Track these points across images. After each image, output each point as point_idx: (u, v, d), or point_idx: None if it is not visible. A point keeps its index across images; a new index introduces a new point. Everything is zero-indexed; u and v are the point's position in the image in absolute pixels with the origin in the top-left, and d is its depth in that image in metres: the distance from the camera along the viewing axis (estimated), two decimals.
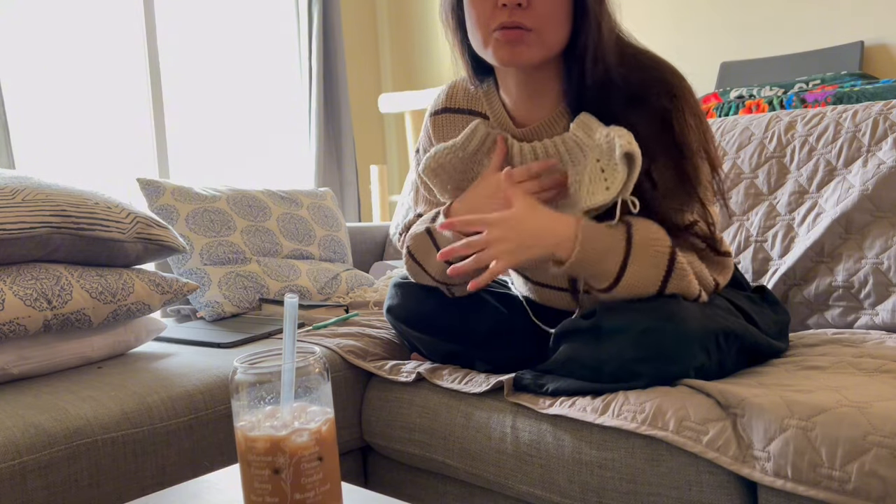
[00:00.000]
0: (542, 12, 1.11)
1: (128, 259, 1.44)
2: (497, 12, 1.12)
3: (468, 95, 1.32)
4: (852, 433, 0.89)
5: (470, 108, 1.31)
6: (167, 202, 1.82)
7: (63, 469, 1.08)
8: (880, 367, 1.11)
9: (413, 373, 1.34)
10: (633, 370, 1.08)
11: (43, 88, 2.81)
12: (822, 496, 0.89)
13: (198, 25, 3.29)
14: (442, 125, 1.35)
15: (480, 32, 1.16)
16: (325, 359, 0.74)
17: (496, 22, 1.13)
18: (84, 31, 2.92)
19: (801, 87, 2.37)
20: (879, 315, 1.38)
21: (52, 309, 1.29)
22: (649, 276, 1.11)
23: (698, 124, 1.15)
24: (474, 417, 1.22)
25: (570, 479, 1.10)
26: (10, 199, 1.31)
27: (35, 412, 1.12)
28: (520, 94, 1.23)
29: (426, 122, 1.38)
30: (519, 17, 1.11)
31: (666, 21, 3.14)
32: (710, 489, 0.98)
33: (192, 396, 1.24)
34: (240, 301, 1.76)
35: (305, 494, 0.70)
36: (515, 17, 1.11)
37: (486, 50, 1.17)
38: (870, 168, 1.46)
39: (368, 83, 3.91)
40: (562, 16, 1.13)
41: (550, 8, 1.12)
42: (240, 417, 0.72)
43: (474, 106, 1.31)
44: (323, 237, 2.04)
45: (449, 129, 1.34)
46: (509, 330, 1.33)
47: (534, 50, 1.14)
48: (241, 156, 3.42)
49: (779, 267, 1.51)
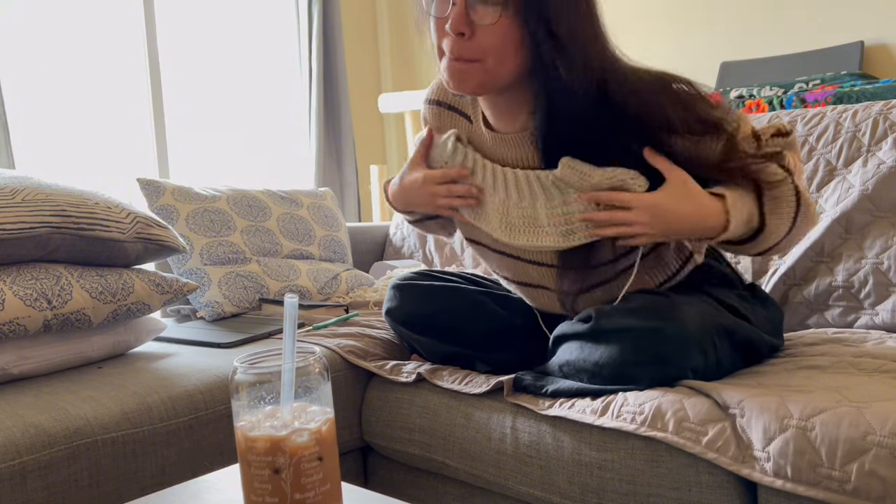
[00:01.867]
0: (485, 44, 1.08)
1: (128, 259, 1.44)
2: (447, 39, 1.11)
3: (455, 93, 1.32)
4: (852, 433, 0.89)
5: (455, 106, 1.31)
6: (167, 202, 1.82)
7: (63, 469, 1.08)
8: (880, 367, 1.11)
9: (413, 373, 1.34)
10: (632, 373, 1.08)
11: (43, 88, 2.81)
12: (822, 496, 0.89)
13: (198, 25, 3.28)
14: (433, 115, 1.35)
15: (437, 51, 1.15)
16: (325, 359, 0.74)
17: (446, 48, 1.12)
18: (84, 31, 2.92)
19: (801, 87, 2.37)
20: (879, 315, 1.38)
21: (52, 309, 1.29)
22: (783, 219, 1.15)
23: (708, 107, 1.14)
24: (474, 418, 1.22)
25: (569, 480, 1.10)
26: (9, 199, 1.31)
27: (35, 412, 1.12)
28: (490, 109, 1.23)
29: (423, 106, 1.38)
30: (459, 50, 1.10)
31: (666, 21, 3.14)
32: (710, 490, 0.98)
33: (192, 396, 1.24)
34: (240, 301, 1.76)
35: (305, 494, 0.70)
36: (456, 50, 1.10)
37: (440, 70, 1.16)
38: (870, 168, 1.46)
39: (368, 83, 3.91)
40: (509, 48, 1.08)
41: (494, 40, 1.08)
42: (240, 417, 0.72)
43: (459, 105, 1.31)
44: (323, 237, 2.04)
45: (438, 120, 1.33)
46: (509, 331, 1.33)
47: (479, 80, 1.12)
48: (241, 156, 3.42)
49: (779, 267, 1.51)
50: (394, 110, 3.15)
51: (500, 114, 1.21)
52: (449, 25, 1.08)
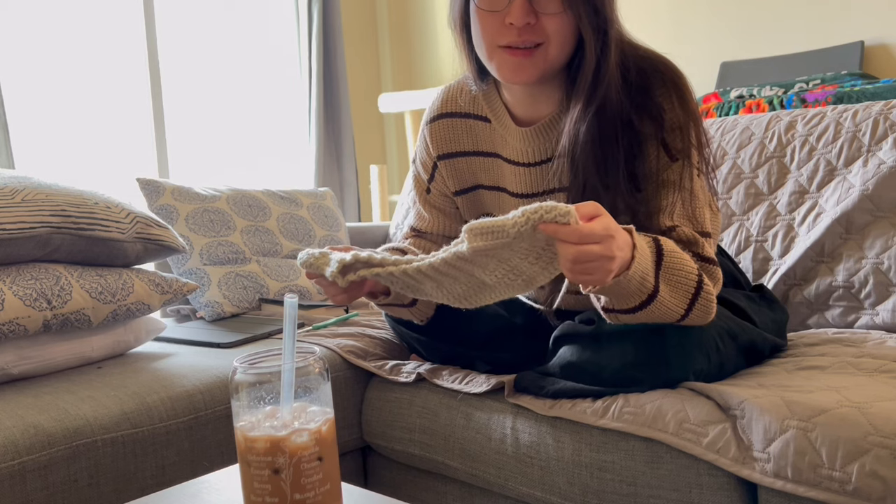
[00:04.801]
0: (549, 31, 1.11)
1: (127, 259, 1.44)
2: (504, 30, 1.12)
3: (467, 98, 1.31)
4: (853, 434, 0.89)
5: (469, 112, 1.31)
6: (167, 202, 1.82)
7: (63, 469, 1.08)
8: (881, 368, 1.11)
9: (413, 373, 1.34)
10: (634, 375, 1.08)
11: (43, 88, 2.81)
12: (823, 497, 0.89)
13: (198, 25, 3.28)
14: (440, 131, 1.33)
15: (486, 45, 1.15)
16: (325, 359, 0.74)
17: (504, 39, 1.13)
18: (84, 31, 2.92)
19: (801, 86, 2.37)
20: (880, 315, 1.38)
21: (52, 309, 1.28)
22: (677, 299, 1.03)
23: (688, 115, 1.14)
24: (474, 418, 1.22)
25: (569, 481, 1.09)
26: (9, 199, 1.31)
27: (35, 412, 1.12)
28: (524, 97, 1.23)
29: (423, 130, 1.37)
30: (528, 35, 1.11)
31: (666, 21, 3.14)
32: (711, 491, 0.98)
33: (191, 396, 1.24)
34: (240, 301, 1.76)
35: (305, 494, 0.70)
36: (525, 36, 1.11)
37: (490, 63, 1.17)
38: (870, 168, 1.46)
39: (368, 83, 3.91)
40: (568, 33, 1.12)
41: (558, 26, 1.11)
42: (240, 417, 0.72)
43: (474, 109, 1.30)
44: (323, 237, 2.04)
45: (449, 134, 1.32)
46: (509, 332, 1.33)
47: (537, 68, 1.13)
48: (240, 156, 3.42)
49: (779, 267, 1.51)
50: (394, 110, 3.15)
51: (533, 100, 1.22)
52: (514, 18, 1.10)
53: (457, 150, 1.32)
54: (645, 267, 0.99)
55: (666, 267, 1.02)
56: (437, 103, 1.34)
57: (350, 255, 1.01)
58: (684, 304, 1.04)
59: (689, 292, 1.03)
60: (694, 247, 1.10)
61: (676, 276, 1.02)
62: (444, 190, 1.35)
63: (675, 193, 1.11)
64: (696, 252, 1.10)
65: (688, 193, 1.12)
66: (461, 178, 1.33)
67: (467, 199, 1.33)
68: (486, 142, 1.29)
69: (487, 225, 0.89)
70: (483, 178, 1.31)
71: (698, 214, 1.13)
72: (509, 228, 0.88)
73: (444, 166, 1.33)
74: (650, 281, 1.00)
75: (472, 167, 1.31)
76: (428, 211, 1.37)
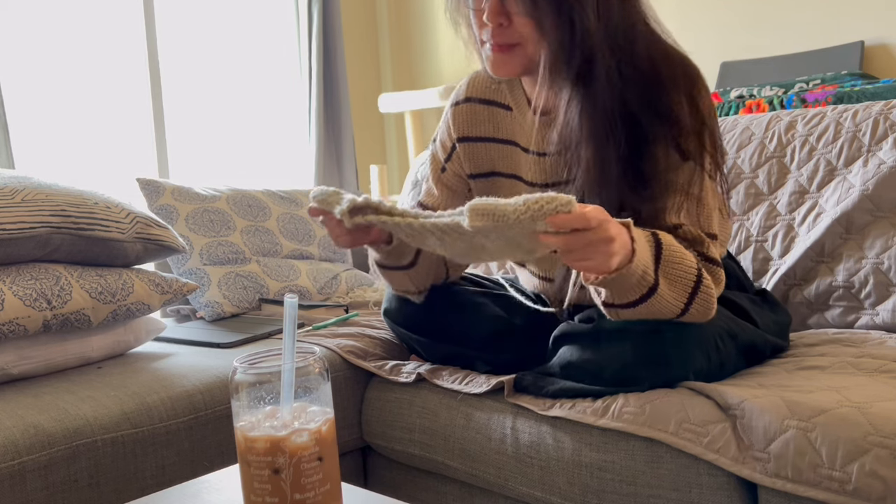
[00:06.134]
0: (523, 31, 1.13)
1: (127, 259, 1.44)
2: (486, 28, 1.16)
3: (490, 86, 1.34)
4: (853, 433, 0.89)
5: (492, 99, 1.33)
6: (167, 202, 1.82)
7: (63, 469, 1.08)
8: (881, 368, 1.11)
9: (413, 373, 1.34)
10: (634, 374, 1.08)
11: (43, 88, 2.81)
12: (823, 497, 0.89)
13: (197, 25, 3.28)
14: (463, 114, 1.35)
15: (477, 44, 1.20)
16: (325, 359, 0.74)
17: (485, 35, 1.16)
18: (84, 31, 2.92)
19: (801, 86, 2.37)
20: (880, 315, 1.38)
21: (52, 309, 1.28)
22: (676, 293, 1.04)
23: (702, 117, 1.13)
24: (474, 418, 1.22)
25: (569, 481, 1.09)
26: (9, 199, 1.31)
27: (35, 412, 1.12)
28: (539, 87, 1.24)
29: (447, 112, 1.39)
30: (500, 38, 1.14)
31: (666, 21, 3.13)
32: (711, 491, 0.98)
33: (191, 396, 1.24)
34: (240, 301, 1.76)
35: (305, 494, 0.70)
36: (496, 38, 1.14)
37: (479, 56, 1.21)
38: (870, 168, 1.46)
39: (368, 83, 3.91)
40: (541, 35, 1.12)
41: (528, 28, 1.12)
42: (240, 417, 0.72)
43: (497, 97, 1.33)
44: (323, 237, 2.04)
45: (471, 118, 1.34)
46: (508, 332, 1.33)
47: (518, 65, 1.16)
48: (241, 155, 3.42)
49: (779, 267, 1.51)
50: (394, 110, 3.15)
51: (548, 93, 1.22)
52: (487, 17, 1.12)
53: (477, 135, 1.34)
54: (646, 259, 1.00)
55: (665, 261, 1.02)
56: (463, 88, 1.37)
57: (362, 198, 1.05)
58: (683, 299, 1.04)
59: (689, 287, 1.04)
60: (699, 246, 1.10)
61: (675, 271, 1.03)
62: (459, 171, 1.37)
63: (683, 194, 1.12)
64: (700, 252, 1.10)
65: (696, 195, 1.12)
66: (478, 162, 1.35)
67: (483, 183, 1.35)
68: (506, 129, 1.32)
69: (490, 208, 0.91)
70: (500, 164, 1.33)
71: (706, 216, 1.13)
72: (510, 215, 0.90)
73: (463, 149, 1.35)
74: (650, 274, 1.01)
75: (490, 153, 1.33)
76: (439, 189, 1.39)
